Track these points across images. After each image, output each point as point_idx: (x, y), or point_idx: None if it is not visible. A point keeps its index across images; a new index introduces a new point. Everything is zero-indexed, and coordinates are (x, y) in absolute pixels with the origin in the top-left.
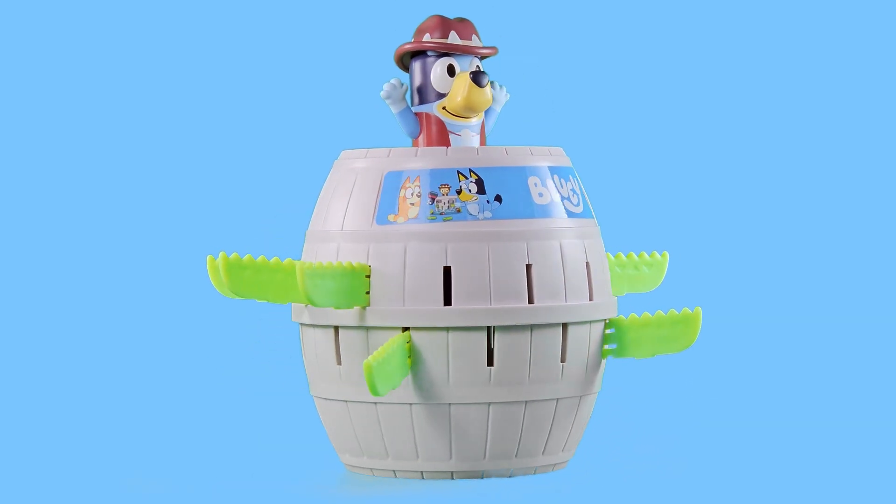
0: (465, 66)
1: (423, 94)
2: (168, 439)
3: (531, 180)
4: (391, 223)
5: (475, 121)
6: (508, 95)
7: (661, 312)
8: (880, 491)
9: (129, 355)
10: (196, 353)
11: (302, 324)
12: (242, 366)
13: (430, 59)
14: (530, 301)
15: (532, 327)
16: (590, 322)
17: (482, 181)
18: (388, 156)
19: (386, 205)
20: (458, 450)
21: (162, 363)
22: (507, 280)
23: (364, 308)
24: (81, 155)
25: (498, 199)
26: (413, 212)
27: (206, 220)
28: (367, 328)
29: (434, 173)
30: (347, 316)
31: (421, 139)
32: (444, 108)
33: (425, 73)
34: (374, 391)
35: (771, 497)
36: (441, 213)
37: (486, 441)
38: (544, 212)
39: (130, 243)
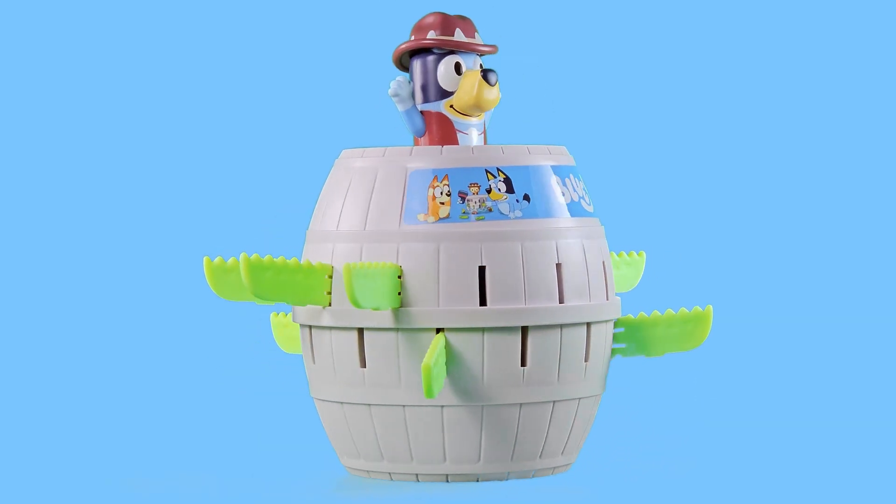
0: (469, 64)
1: (427, 92)
2: (167, 441)
3: (553, 179)
4: (421, 223)
5: (479, 119)
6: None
7: (671, 311)
8: (885, 491)
9: (130, 356)
10: (195, 353)
11: (314, 326)
12: (240, 367)
13: (433, 57)
14: (560, 300)
15: (562, 327)
16: (607, 321)
17: (510, 180)
18: (411, 154)
19: (413, 204)
20: (486, 452)
21: (161, 364)
22: (539, 279)
23: (396, 309)
24: (82, 155)
25: (526, 198)
26: (444, 211)
27: (203, 221)
28: (398, 330)
29: (462, 172)
30: (375, 318)
31: (425, 138)
32: (451, 106)
33: (430, 71)
34: (430, 394)
35: (778, 497)
36: (473, 213)
37: (514, 443)
38: (567, 211)
39: (133, 243)
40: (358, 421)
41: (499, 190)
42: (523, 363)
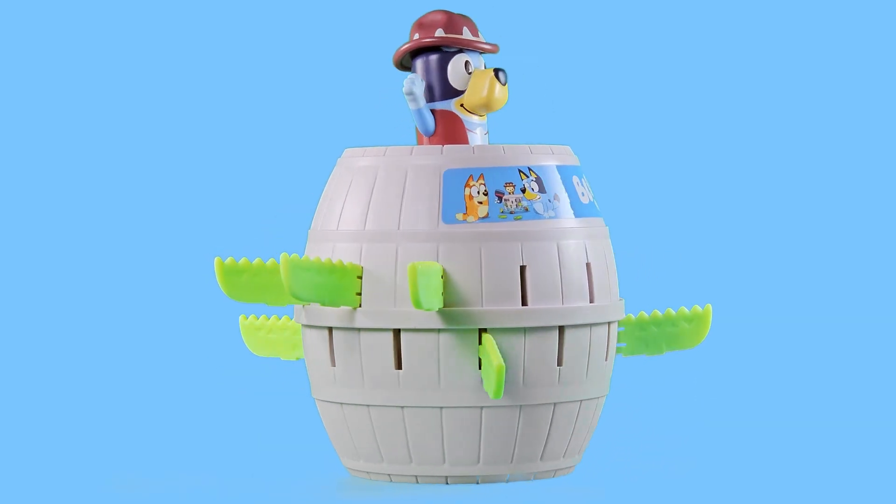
0: (475, 62)
1: (432, 90)
2: (167, 441)
3: (574, 179)
4: (461, 222)
5: (483, 118)
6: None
7: (670, 310)
8: (885, 491)
9: (130, 355)
10: (195, 353)
11: (336, 328)
12: (240, 367)
13: (440, 56)
14: (591, 300)
15: (591, 326)
16: (619, 320)
17: (541, 180)
18: (442, 153)
19: (451, 204)
20: (519, 453)
21: (161, 363)
22: (574, 279)
23: (439, 310)
24: (83, 154)
25: (556, 198)
26: (483, 210)
27: (204, 222)
28: (440, 330)
29: (497, 171)
30: (413, 318)
31: (432, 137)
32: (461, 104)
33: (436, 70)
34: (499, 394)
35: (779, 497)
36: (511, 212)
37: (546, 443)
38: (588, 211)
39: (136, 243)
40: (386, 424)
41: (532, 189)
42: (559, 363)
